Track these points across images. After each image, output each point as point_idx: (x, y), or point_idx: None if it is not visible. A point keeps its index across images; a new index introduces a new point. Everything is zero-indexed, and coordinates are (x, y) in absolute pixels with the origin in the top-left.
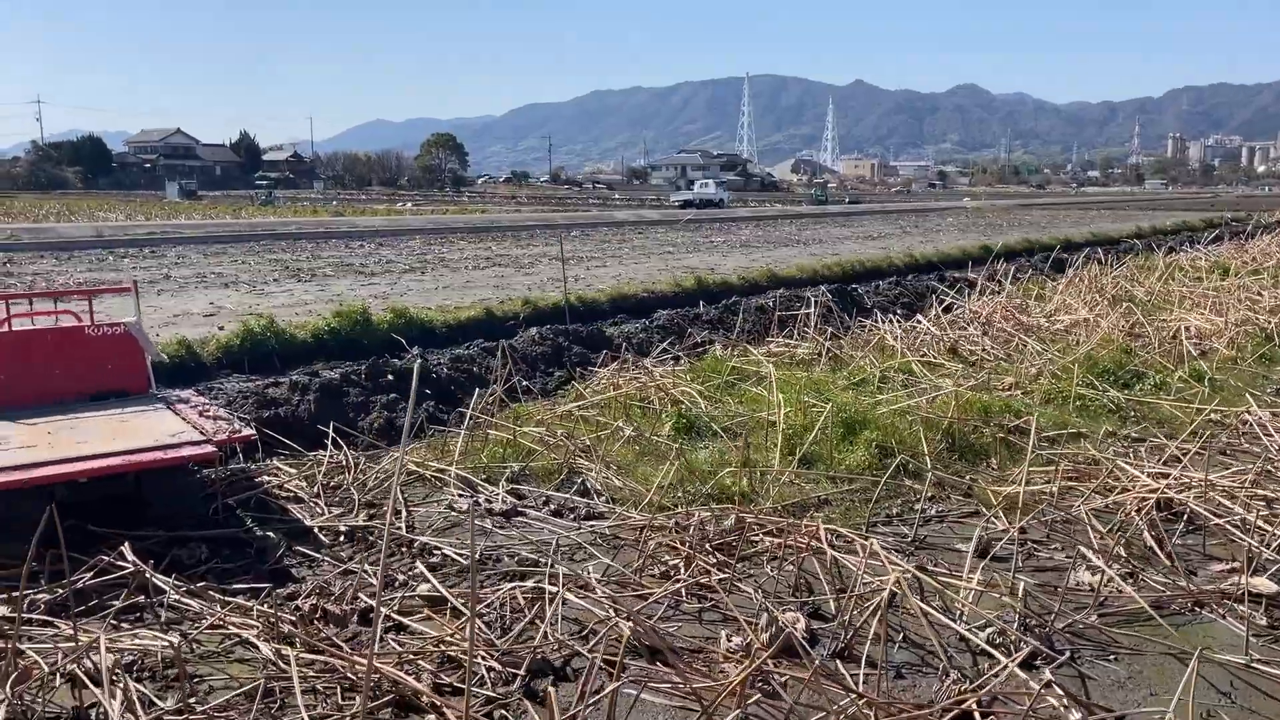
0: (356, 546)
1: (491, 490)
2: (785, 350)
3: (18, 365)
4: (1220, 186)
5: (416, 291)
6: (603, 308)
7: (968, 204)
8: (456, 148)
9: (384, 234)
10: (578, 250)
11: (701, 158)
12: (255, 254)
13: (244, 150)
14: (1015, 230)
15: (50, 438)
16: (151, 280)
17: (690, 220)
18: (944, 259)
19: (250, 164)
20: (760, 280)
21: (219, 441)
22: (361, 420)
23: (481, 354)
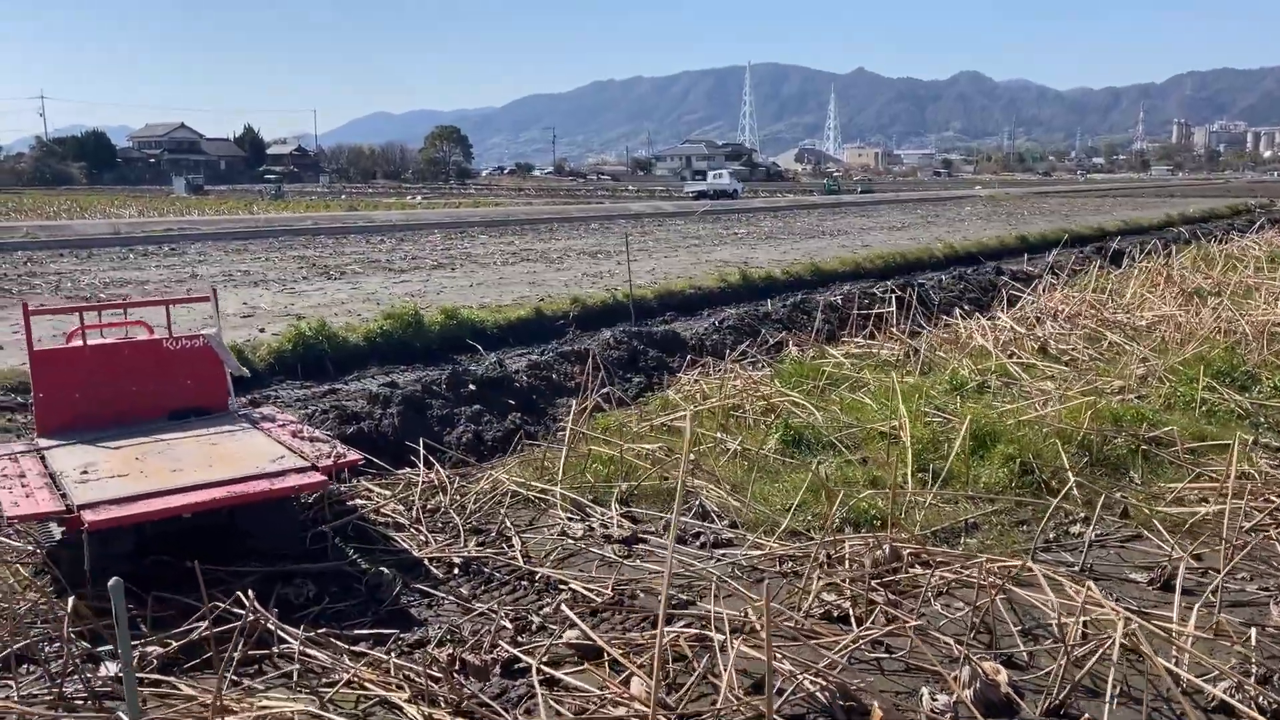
0: (474, 580)
1: (604, 513)
2: (865, 351)
3: (95, 382)
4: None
5: (452, 289)
6: (650, 305)
7: (980, 192)
8: (460, 140)
9: (401, 229)
10: (602, 244)
11: (706, 148)
12: (277, 251)
13: (248, 144)
14: (1040, 219)
15: (140, 464)
16: (178, 280)
17: (706, 211)
18: (983, 249)
19: (254, 158)
20: (804, 274)
21: (325, 468)
22: (447, 434)
23: (558, 359)
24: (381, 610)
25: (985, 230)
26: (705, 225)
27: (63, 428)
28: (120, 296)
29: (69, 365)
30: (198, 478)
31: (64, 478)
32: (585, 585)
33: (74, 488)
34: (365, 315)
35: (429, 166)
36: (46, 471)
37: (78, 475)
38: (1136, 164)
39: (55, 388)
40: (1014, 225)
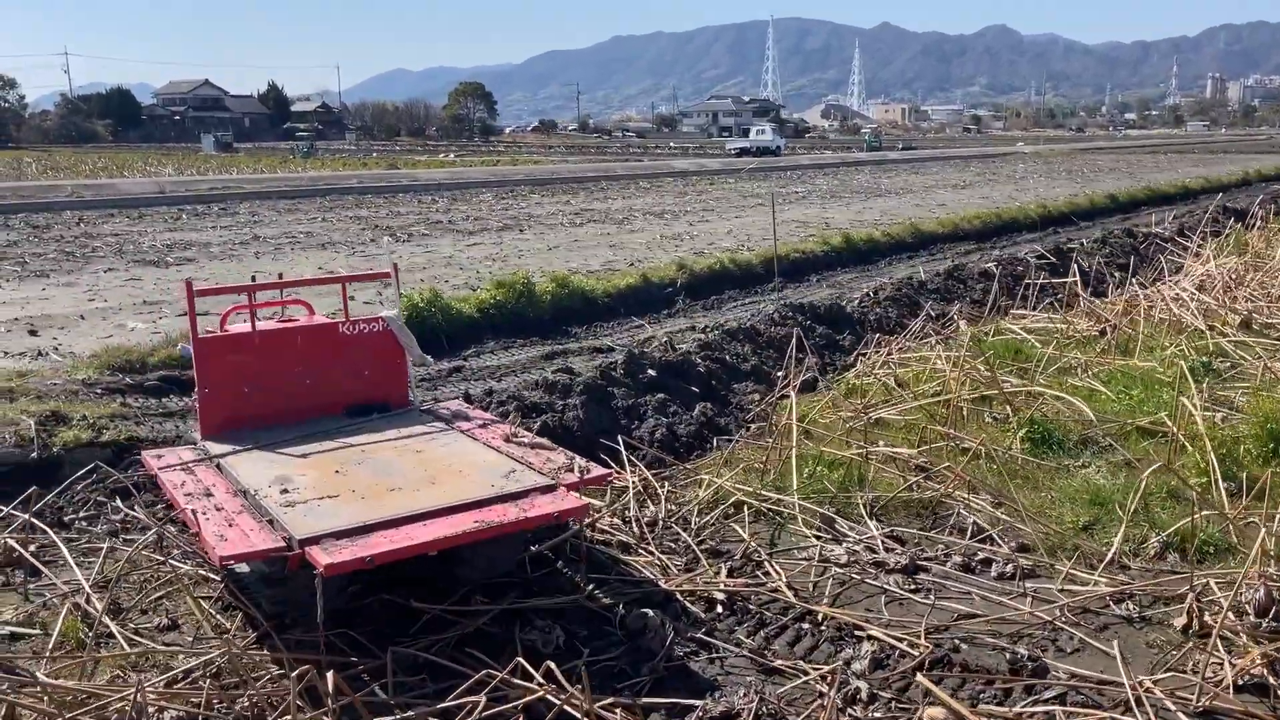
0: (743, 621)
1: (859, 531)
2: (1047, 326)
3: (265, 373)
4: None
5: (530, 253)
6: (757, 270)
7: (1023, 149)
8: (484, 96)
9: (449, 188)
10: (660, 203)
11: (733, 104)
12: (330, 211)
13: (272, 101)
14: (1108, 177)
15: (345, 479)
16: (242, 242)
17: (754, 169)
18: (1075, 209)
19: (278, 115)
20: (905, 236)
21: (571, 484)
22: (635, 428)
23: (724, 338)
24: (657, 665)
25: (1054, 188)
26: (759, 184)
27: (229, 427)
28: (188, 259)
29: (237, 354)
30: (427, 500)
31: (261, 498)
32: (887, 632)
33: (283, 513)
34: (454, 282)
35: (453, 123)
36: (235, 488)
37: (278, 495)
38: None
39: (222, 380)
40: (1084, 183)
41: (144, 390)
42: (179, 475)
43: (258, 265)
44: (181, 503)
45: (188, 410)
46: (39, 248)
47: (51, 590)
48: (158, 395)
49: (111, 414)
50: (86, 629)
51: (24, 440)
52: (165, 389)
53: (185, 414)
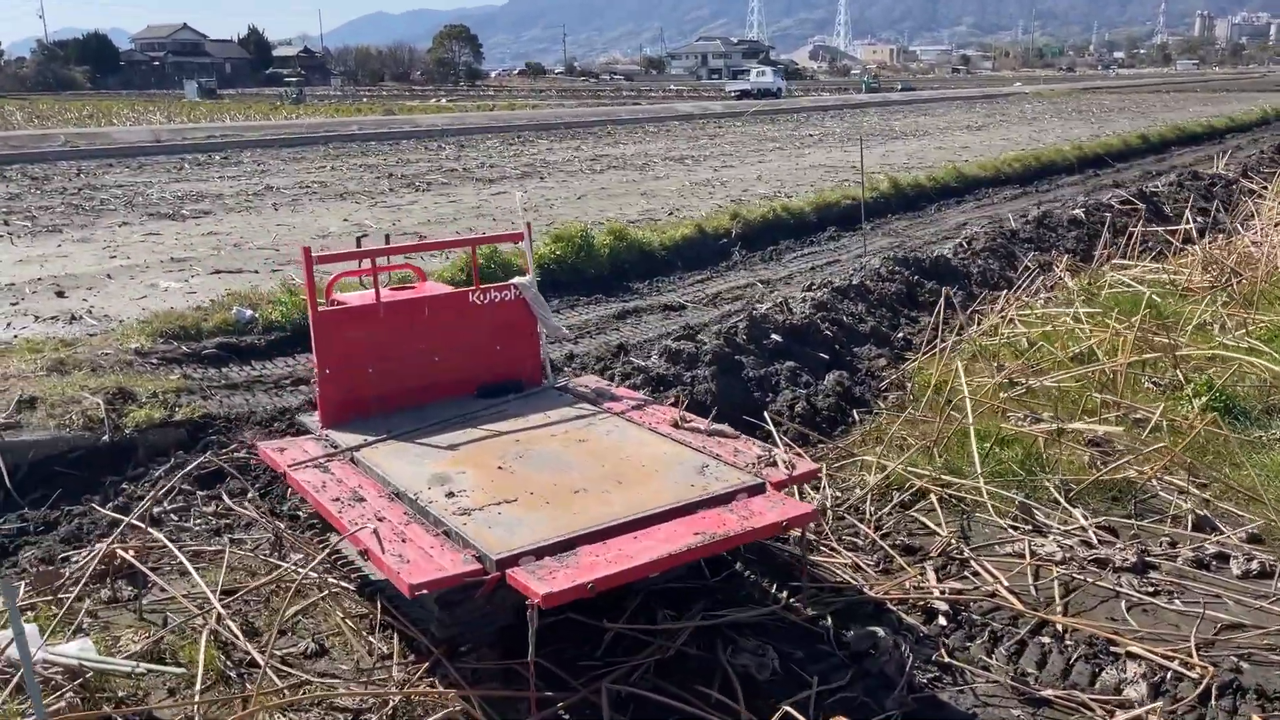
0: (974, 636)
1: (1062, 521)
2: (1156, 276)
3: (391, 350)
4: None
5: (560, 202)
6: (810, 219)
7: (1023, 89)
8: (470, 39)
9: (451, 133)
10: (674, 147)
11: (722, 45)
12: (336, 158)
13: (253, 46)
14: (1121, 117)
15: (514, 479)
16: (256, 193)
17: (757, 112)
18: (1109, 150)
19: (260, 60)
20: (949, 181)
21: (778, 482)
22: (769, 401)
23: (834, 296)
24: (902, 697)
25: (1071, 129)
26: (769, 126)
27: (353, 413)
28: (203, 211)
29: (360, 329)
30: (622, 505)
31: (426, 503)
32: (1149, 648)
33: (460, 525)
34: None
35: (438, 67)
36: (389, 491)
37: (444, 501)
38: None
39: (344, 359)
40: (1099, 124)
41: (202, 359)
42: (314, 475)
43: (278, 218)
44: (333, 511)
45: (253, 382)
46: (44, 201)
47: (170, 607)
48: (217, 365)
49: (176, 388)
50: (224, 657)
51: (93, 422)
52: (224, 357)
53: (251, 386)
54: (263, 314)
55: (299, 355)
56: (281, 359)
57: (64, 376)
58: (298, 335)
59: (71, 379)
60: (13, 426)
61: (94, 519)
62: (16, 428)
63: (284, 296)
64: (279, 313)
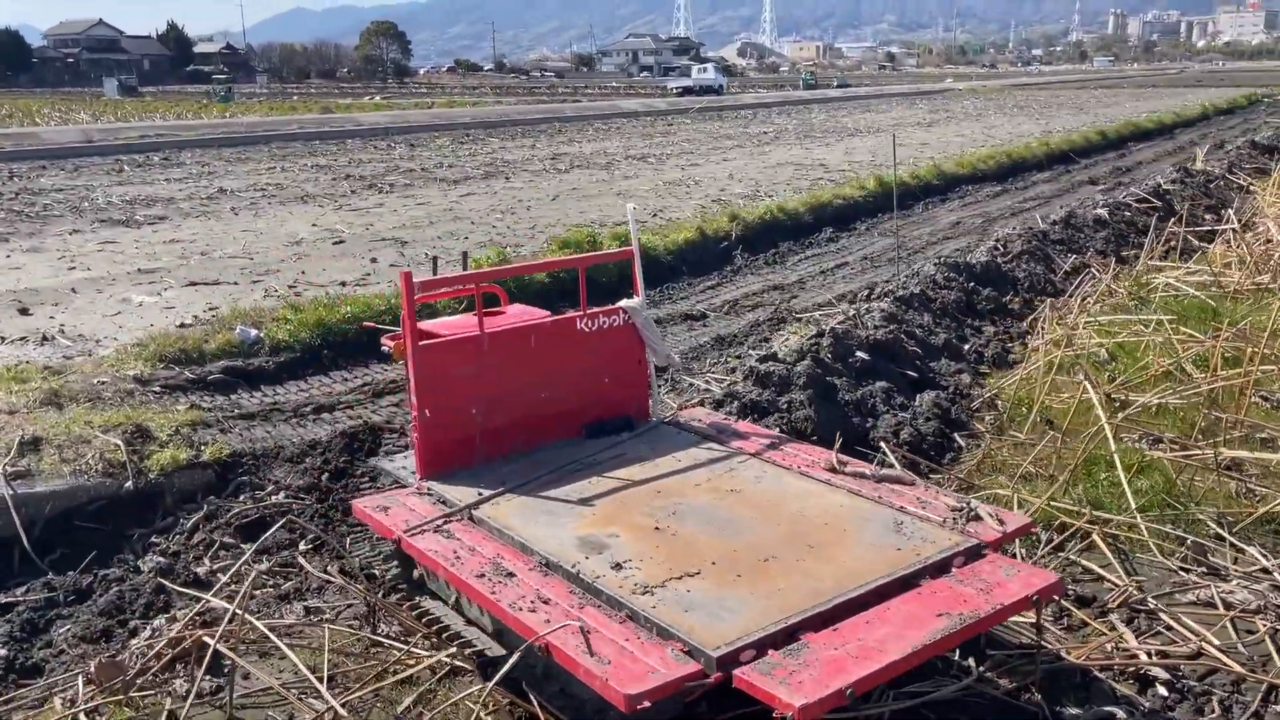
0: (1203, 711)
1: (1248, 563)
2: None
3: (497, 387)
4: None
5: (535, 203)
6: (805, 219)
7: (957, 86)
8: (398, 36)
9: (396, 131)
10: (631, 146)
11: (653, 42)
12: (283, 159)
13: (173, 42)
14: (1064, 113)
15: (680, 544)
16: (209, 196)
17: (703, 109)
18: (1073, 147)
19: (180, 57)
20: (931, 179)
21: (992, 540)
22: (869, 426)
23: (899, 307)
24: None
25: (1020, 125)
26: (719, 124)
27: (456, 461)
28: (159, 217)
29: (464, 363)
30: (830, 578)
31: (591, 578)
32: None
33: (650, 609)
34: (476, 239)
35: (365, 64)
36: (535, 561)
37: (612, 575)
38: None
39: (447, 399)
40: (1044, 119)
41: (208, 386)
42: (439, 542)
43: (241, 223)
44: (486, 594)
45: (270, 410)
46: None
47: (266, 700)
48: (225, 391)
49: (191, 421)
50: None
51: (113, 466)
52: (231, 383)
53: (269, 415)
54: (268, 333)
55: (311, 379)
56: (294, 383)
57: (63, 411)
58: (308, 356)
59: (72, 414)
60: (24, 475)
61: (134, 584)
62: (27, 476)
63: (288, 313)
64: (285, 331)
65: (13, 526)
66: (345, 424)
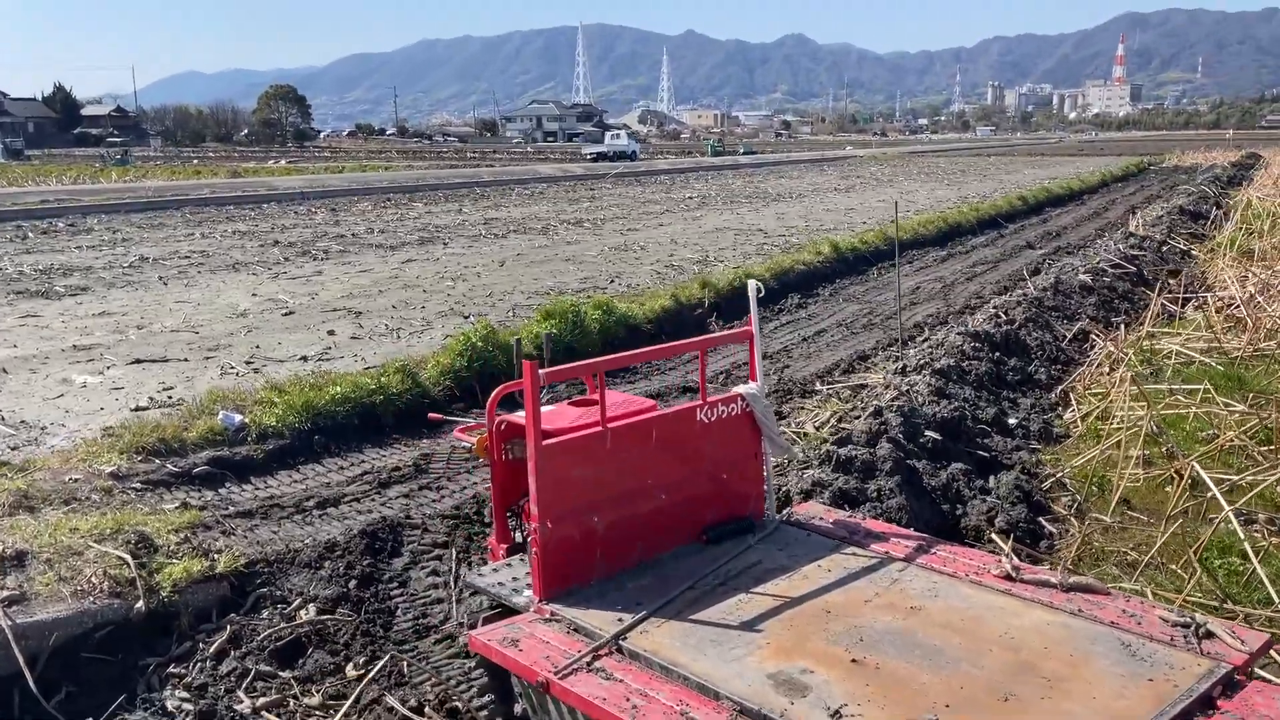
0: None
1: None
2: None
3: (617, 490)
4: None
5: (485, 270)
6: (771, 285)
7: (857, 153)
8: (298, 100)
9: (314, 196)
10: (562, 210)
11: (556, 108)
12: (199, 225)
13: (60, 104)
14: (970, 179)
15: (889, 679)
16: (131, 265)
17: (620, 175)
18: (999, 212)
19: (67, 119)
20: (878, 244)
21: (1240, 664)
22: (961, 514)
23: (940, 379)
24: None
25: (936, 191)
26: (640, 189)
27: (577, 578)
28: (81, 288)
29: (585, 464)
30: None
31: None
32: None
33: None
34: (436, 308)
35: (264, 128)
36: (730, 708)
37: None
38: (958, 124)
39: (569, 506)
40: (954, 186)
41: (194, 480)
42: (599, 686)
43: (173, 293)
44: None
45: (269, 507)
46: None
47: None
48: (212, 485)
49: (188, 524)
50: None
51: (119, 584)
52: (219, 475)
53: (269, 513)
54: (253, 418)
55: (304, 468)
56: (286, 473)
57: (39, 517)
58: (299, 444)
59: (53, 520)
60: (19, 600)
61: None
62: (23, 601)
63: (273, 395)
64: (272, 416)
65: (14, 662)
66: (357, 520)
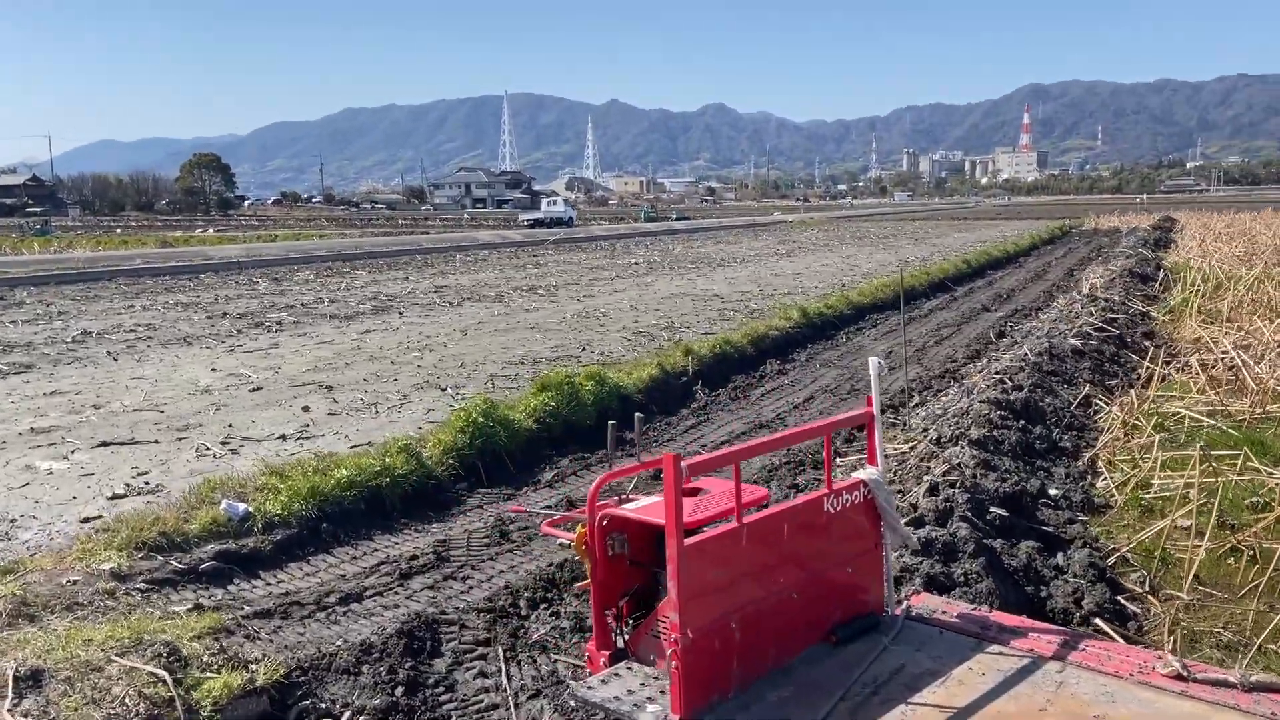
0: None
1: None
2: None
3: (753, 589)
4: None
5: (448, 340)
6: (748, 351)
7: (787, 218)
8: (222, 168)
9: (252, 265)
10: (511, 278)
11: (485, 175)
12: (138, 296)
13: None
14: (903, 242)
15: None
16: (76, 339)
17: (559, 241)
18: (947, 275)
19: None
20: (842, 308)
21: None
22: (1046, 595)
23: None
24: None
25: (874, 255)
26: (583, 255)
27: (715, 689)
28: (24, 365)
29: (721, 564)
30: None
31: None
32: None
33: None
34: (409, 381)
35: (186, 196)
36: None
37: None
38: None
39: (711, 614)
40: (892, 250)
41: (201, 577)
42: None
43: (126, 369)
44: None
45: (288, 605)
46: None
47: None
48: (220, 582)
49: (209, 629)
50: None
51: (156, 705)
52: (227, 571)
53: (288, 611)
54: (258, 507)
55: (314, 559)
56: (296, 566)
57: (43, 625)
58: (306, 533)
59: (60, 630)
60: None
61: None
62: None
63: (274, 480)
64: (277, 504)
65: None
66: (385, 617)
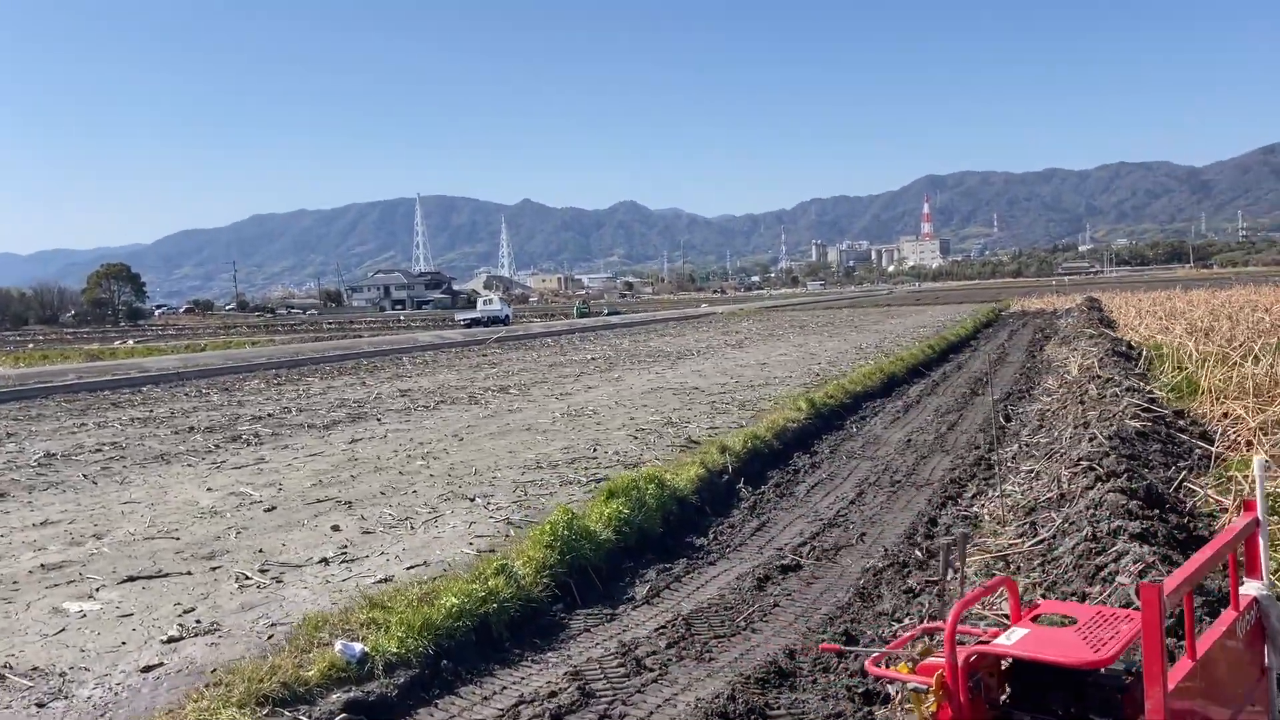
0: None
1: None
2: None
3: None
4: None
5: (451, 446)
6: (775, 446)
7: (712, 309)
8: (131, 278)
9: (192, 376)
10: (475, 378)
11: (404, 276)
12: (88, 413)
13: None
14: (846, 330)
15: None
16: (41, 463)
17: (501, 339)
18: (917, 360)
19: None
20: (843, 398)
21: None
22: None
23: None
24: None
25: (825, 343)
26: (534, 353)
27: None
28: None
29: (1184, 710)
30: None
31: None
32: None
33: None
34: (429, 490)
35: (94, 308)
36: None
37: None
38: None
39: None
40: (840, 338)
41: None
42: None
43: (113, 493)
44: None
45: None
46: None
47: None
48: None
49: None
50: None
51: None
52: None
53: None
54: (373, 646)
55: (441, 701)
56: (425, 711)
57: None
58: (427, 672)
59: None
60: None
61: None
62: None
63: (377, 615)
64: (391, 641)
65: None
66: None
